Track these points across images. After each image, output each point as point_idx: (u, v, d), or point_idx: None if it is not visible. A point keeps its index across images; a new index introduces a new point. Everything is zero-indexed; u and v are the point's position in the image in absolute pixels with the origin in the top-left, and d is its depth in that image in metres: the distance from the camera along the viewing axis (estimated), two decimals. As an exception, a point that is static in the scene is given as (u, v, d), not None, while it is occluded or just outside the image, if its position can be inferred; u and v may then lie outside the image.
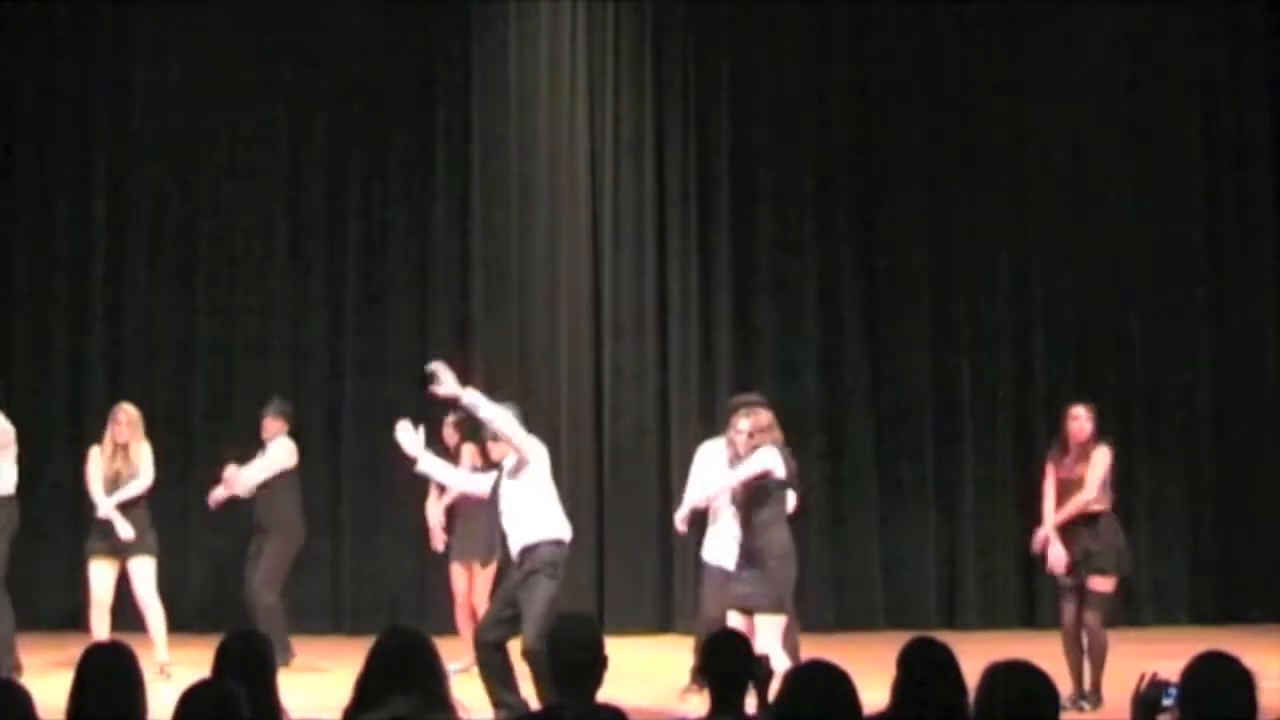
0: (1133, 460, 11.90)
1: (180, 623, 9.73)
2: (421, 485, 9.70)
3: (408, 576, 11.10)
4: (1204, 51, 12.18)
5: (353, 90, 11.68)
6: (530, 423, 10.26)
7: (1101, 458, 8.24)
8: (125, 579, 9.09)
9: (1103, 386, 11.90)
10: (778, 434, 7.73)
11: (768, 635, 7.26)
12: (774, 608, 7.41)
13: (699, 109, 11.76)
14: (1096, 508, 8.22)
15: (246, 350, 11.49)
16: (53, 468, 10.94)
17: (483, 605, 9.14)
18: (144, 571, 9.00)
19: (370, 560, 11.23)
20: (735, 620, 7.38)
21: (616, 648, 4.18)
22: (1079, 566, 8.16)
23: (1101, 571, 8.15)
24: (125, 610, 9.11)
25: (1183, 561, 11.84)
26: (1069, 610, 8.18)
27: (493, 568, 9.13)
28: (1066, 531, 8.19)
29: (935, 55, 11.92)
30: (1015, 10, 11.96)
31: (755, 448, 7.58)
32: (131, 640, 4.69)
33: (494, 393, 8.26)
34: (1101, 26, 12.00)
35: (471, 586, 9.37)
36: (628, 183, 11.66)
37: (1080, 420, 8.27)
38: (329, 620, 11.04)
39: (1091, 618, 8.09)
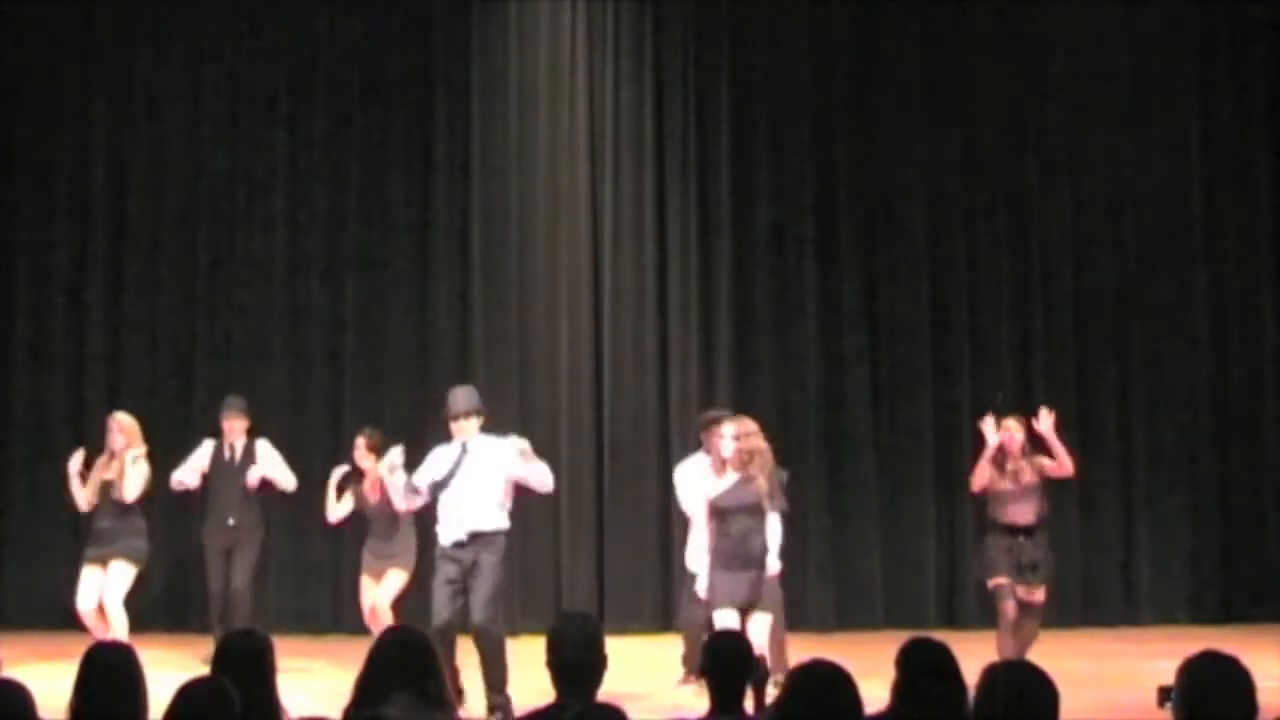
0: (1133, 460, 11.93)
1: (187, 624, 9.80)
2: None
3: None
4: (1205, 51, 12.20)
5: (353, 89, 11.68)
6: (530, 422, 10.37)
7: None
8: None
9: (1103, 386, 11.93)
10: (760, 440, 7.85)
11: (763, 632, 7.48)
12: (771, 606, 7.71)
13: (699, 108, 11.76)
14: (1036, 519, 8.52)
15: (246, 353, 11.48)
16: (53, 470, 10.93)
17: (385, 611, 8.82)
18: (117, 577, 8.94)
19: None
20: (732, 618, 7.51)
21: (616, 647, 4.18)
22: (1025, 572, 8.46)
23: (1045, 583, 8.57)
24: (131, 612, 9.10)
25: (1183, 561, 11.84)
26: (1013, 605, 8.44)
27: (406, 576, 8.91)
28: (1006, 538, 8.47)
29: (935, 53, 11.93)
30: (1015, 9, 11.96)
31: (745, 453, 7.68)
32: (134, 641, 4.68)
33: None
34: (1102, 26, 12.01)
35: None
36: (628, 182, 11.66)
37: (1012, 431, 8.61)
38: (329, 620, 11.04)
39: (1035, 624, 8.53)
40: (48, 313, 11.58)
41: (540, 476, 8.03)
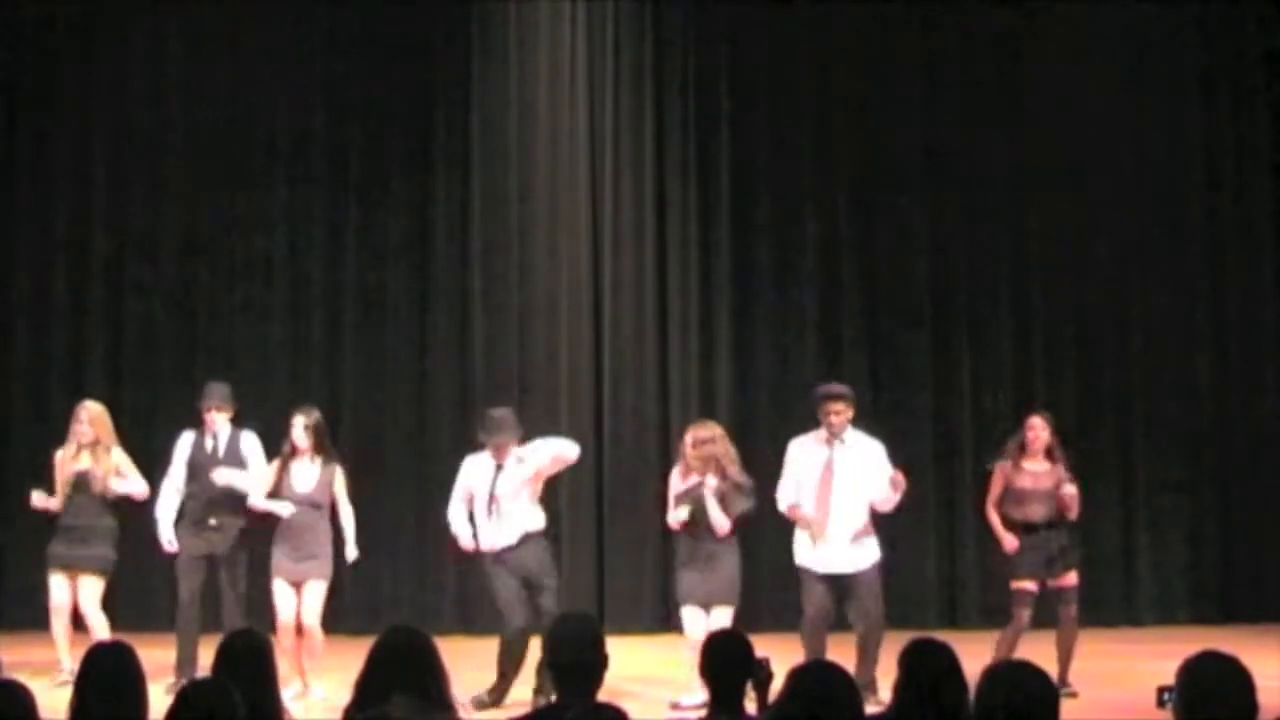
0: (1133, 460, 11.93)
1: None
2: (421, 487, 9.70)
3: (408, 576, 11.10)
4: (1205, 52, 12.20)
5: (352, 90, 11.68)
6: (530, 421, 10.36)
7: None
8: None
9: (1103, 387, 11.93)
10: (719, 446, 8.26)
11: (725, 626, 7.62)
12: (734, 600, 8.16)
13: (699, 107, 11.76)
14: (1053, 517, 8.54)
15: (246, 352, 11.48)
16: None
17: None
18: (89, 590, 8.65)
19: (370, 560, 11.20)
20: (697, 615, 8.03)
21: (616, 648, 4.19)
22: (1054, 564, 8.45)
23: (1073, 568, 8.54)
24: (123, 610, 9.07)
25: (1183, 561, 11.84)
26: (1029, 615, 8.41)
27: (327, 584, 8.56)
28: (1028, 535, 8.44)
29: (936, 52, 11.93)
30: (1016, 9, 11.96)
31: (699, 459, 8.17)
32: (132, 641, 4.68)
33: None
34: (1102, 27, 12.01)
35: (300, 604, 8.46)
36: (628, 182, 11.66)
37: (1037, 430, 8.53)
38: (330, 620, 10.97)
39: (1075, 610, 8.47)
40: (48, 314, 11.58)
41: (557, 451, 8.53)
